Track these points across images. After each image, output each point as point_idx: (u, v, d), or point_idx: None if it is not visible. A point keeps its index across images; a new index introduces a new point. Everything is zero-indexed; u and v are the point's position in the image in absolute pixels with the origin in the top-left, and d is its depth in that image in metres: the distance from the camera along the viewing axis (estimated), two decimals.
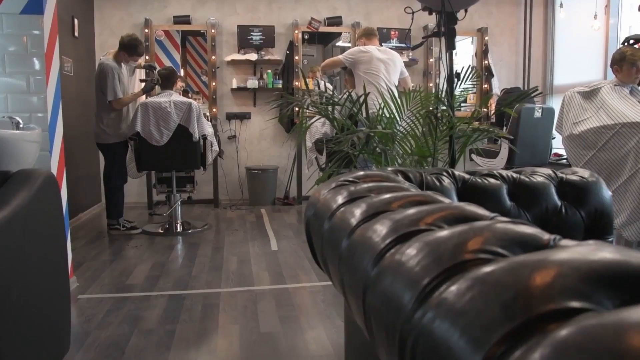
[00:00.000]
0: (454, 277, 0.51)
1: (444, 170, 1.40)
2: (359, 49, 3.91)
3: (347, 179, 1.17)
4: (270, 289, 2.81)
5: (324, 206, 1.05)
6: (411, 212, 0.78)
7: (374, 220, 0.82)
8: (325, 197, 1.08)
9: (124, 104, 4.08)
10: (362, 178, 1.17)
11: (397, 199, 0.92)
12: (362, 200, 0.96)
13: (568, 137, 3.11)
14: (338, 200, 1.01)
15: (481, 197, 1.35)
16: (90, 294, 2.74)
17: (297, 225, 4.56)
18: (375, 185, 1.06)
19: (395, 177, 1.22)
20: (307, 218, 1.16)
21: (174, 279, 3.00)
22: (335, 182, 1.16)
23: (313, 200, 1.15)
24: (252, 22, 5.64)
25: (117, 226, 4.16)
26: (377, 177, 1.18)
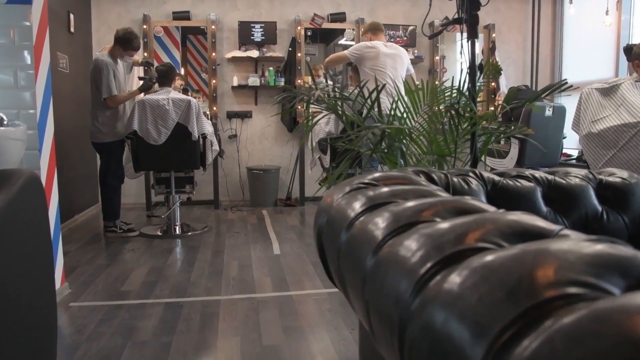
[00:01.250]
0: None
1: (470, 170, 1.24)
2: (365, 45, 3.76)
3: (363, 181, 1.02)
4: (273, 297, 2.65)
5: (339, 214, 0.90)
6: (454, 226, 0.63)
7: (406, 235, 0.67)
8: (340, 203, 0.93)
9: (118, 102, 3.92)
10: (381, 180, 1.01)
11: (429, 207, 0.76)
12: (385, 209, 0.80)
13: (586, 136, 2.95)
14: (356, 207, 0.86)
15: (513, 202, 1.20)
16: (82, 301, 2.59)
17: (299, 228, 4.41)
18: (400, 189, 0.90)
19: (418, 179, 1.06)
20: (319, 226, 1.01)
21: (171, 285, 2.84)
22: (349, 185, 1.01)
23: (325, 205, 1.00)
24: (253, 18, 5.49)
25: (113, 228, 4.01)
26: (398, 179, 1.03)
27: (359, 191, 0.94)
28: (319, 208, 1.07)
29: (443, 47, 6.06)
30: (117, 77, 3.88)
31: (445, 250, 0.56)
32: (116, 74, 3.87)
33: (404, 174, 1.10)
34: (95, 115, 3.92)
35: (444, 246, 0.57)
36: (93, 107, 3.96)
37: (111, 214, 4.02)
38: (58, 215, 2.62)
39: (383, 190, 0.91)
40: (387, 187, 0.94)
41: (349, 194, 0.95)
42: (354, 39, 5.56)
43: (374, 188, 0.95)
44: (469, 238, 0.58)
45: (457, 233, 0.61)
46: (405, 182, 1.01)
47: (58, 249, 2.61)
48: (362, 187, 0.98)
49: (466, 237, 0.58)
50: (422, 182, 1.03)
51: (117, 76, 3.88)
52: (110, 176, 3.99)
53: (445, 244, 0.59)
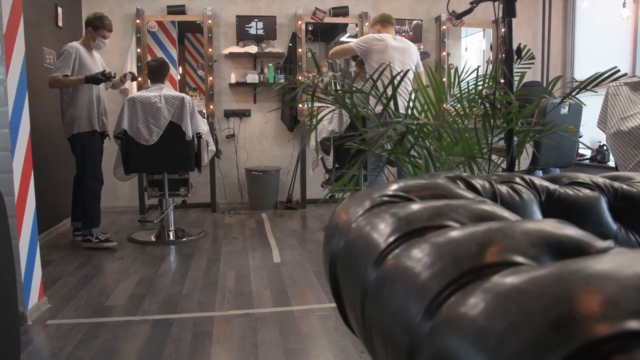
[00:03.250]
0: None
1: (517, 176, 0.99)
2: (372, 37, 3.51)
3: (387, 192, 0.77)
4: (273, 313, 2.40)
5: (362, 240, 0.65)
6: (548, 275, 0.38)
7: (470, 290, 0.42)
8: (361, 224, 0.68)
9: (58, 83, 3.48)
10: (412, 191, 0.76)
11: (498, 239, 0.51)
12: (429, 240, 0.55)
13: (615, 135, 2.70)
14: (386, 233, 0.61)
15: (575, 215, 0.95)
16: (61, 318, 2.34)
17: (301, 233, 4.16)
18: (443, 206, 0.65)
19: (458, 189, 0.81)
20: (332, 251, 0.75)
21: (161, 298, 2.59)
22: (369, 199, 0.76)
23: (340, 225, 0.75)
24: (251, 12, 5.23)
25: (89, 237, 3.59)
26: (433, 190, 0.78)
27: (385, 208, 0.69)
28: (331, 226, 0.82)
29: (450, 42, 5.82)
30: (84, 64, 3.54)
31: None
32: (84, 61, 3.54)
33: (438, 182, 0.84)
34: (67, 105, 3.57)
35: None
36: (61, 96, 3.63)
37: (88, 222, 3.60)
38: (35, 224, 2.38)
39: (419, 208, 0.66)
40: (423, 203, 0.69)
41: (372, 211, 0.70)
42: (356, 35, 5.30)
43: (405, 204, 0.70)
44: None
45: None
46: (443, 194, 0.76)
47: (35, 261, 2.37)
48: (388, 202, 0.73)
49: None
50: (465, 193, 0.78)
51: (83, 63, 3.54)
52: (87, 177, 3.60)
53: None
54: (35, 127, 3.86)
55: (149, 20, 5.08)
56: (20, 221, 2.25)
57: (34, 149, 3.76)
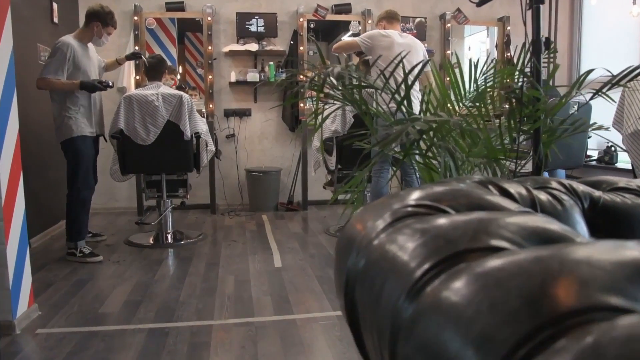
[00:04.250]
0: None
1: (555, 181, 0.88)
2: (378, 32, 3.39)
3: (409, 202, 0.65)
4: (274, 321, 2.29)
5: (388, 263, 0.53)
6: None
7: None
8: (385, 242, 0.56)
9: (48, 86, 3.22)
10: (443, 201, 0.65)
11: (568, 269, 0.40)
12: (482, 271, 0.44)
13: (632, 135, 2.59)
14: (418, 256, 0.49)
15: (624, 226, 0.83)
16: (52, 327, 2.22)
17: (302, 235, 4.04)
18: (491, 220, 0.54)
19: (492, 196, 0.70)
20: (349, 271, 0.64)
21: (157, 305, 2.48)
22: (388, 210, 0.64)
23: (358, 240, 0.63)
24: (252, 9, 5.12)
25: (73, 251, 3.27)
26: (467, 197, 0.66)
27: (412, 222, 0.57)
28: (346, 239, 0.70)
29: (455, 40, 5.70)
30: (77, 62, 3.25)
31: None
32: (77, 59, 3.25)
33: (470, 188, 0.73)
34: (65, 107, 3.27)
35: None
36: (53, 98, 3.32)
37: (75, 234, 3.30)
38: (24, 228, 2.26)
39: (457, 223, 0.54)
40: (459, 216, 0.58)
41: (396, 225, 0.58)
42: (359, 33, 5.18)
43: (436, 216, 0.58)
44: None
45: None
46: (479, 203, 0.64)
47: (24, 266, 2.25)
48: (412, 213, 0.61)
49: None
50: (503, 202, 0.66)
51: (77, 62, 3.26)
52: (78, 185, 3.30)
53: None
54: (29, 125, 3.75)
55: (147, 17, 4.97)
56: (7, 225, 2.13)
57: (26, 148, 3.64)
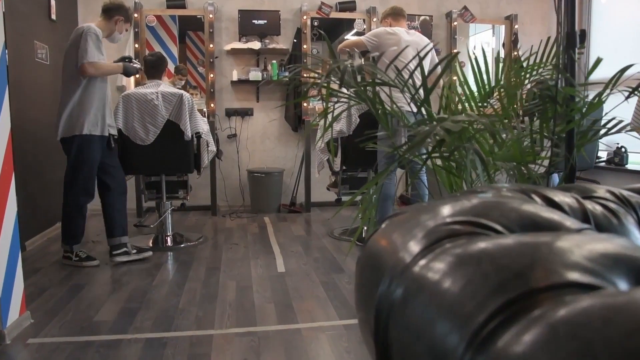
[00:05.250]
0: None
1: (600, 188, 0.77)
2: (384, 30, 3.28)
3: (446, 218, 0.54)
4: (278, 331, 2.18)
5: (438, 298, 0.42)
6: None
7: None
8: (427, 270, 0.45)
9: (98, 71, 2.98)
10: (487, 215, 0.54)
11: None
12: (558, 324, 0.33)
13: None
14: (478, 293, 0.39)
15: None
16: (44, 336, 2.11)
17: (305, 238, 3.94)
18: (556, 244, 0.43)
19: (546, 211, 0.59)
20: (381, 299, 0.52)
21: (155, 313, 2.37)
22: (421, 228, 0.53)
23: (391, 263, 0.52)
24: (254, 6, 5.01)
25: (69, 254, 3.13)
26: (518, 212, 0.56)
27: (461, 244, 0.47)
28: (372, 260, 0.59)
29: (461, 39, 5.59)
30: (102, 53, 3.07)
31: None
32: (102, 50, 3.06)
33: (515, 201, 0.62)
34: (68, 98, 3.03)
35: None
36: (66, 89, 3.06)
37: (70, 238, 3.13)
38: (16, 232, 2.16)
39: (520, 246, 0.43)
40: (520, 238, 0.47)
41: (438, 250, 0.47)
42: (364, 31, 5.07)
43: (489, 238, 0.48)
44: None
45: None
46: (534, 220, 0.53)
47: (16, 273, 2.14)
48: (455, 233, 0.50)
49: None
50: (560, 218, 0.55)
51: (103, 52, 3.07)
52: (76, 188, 3.10)
53: None
54: (25, 125, 3.65)
55: (147, 15, 4.86)
56: None
57: (22, 148, 3.55)
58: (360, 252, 0.68)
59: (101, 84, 3.10)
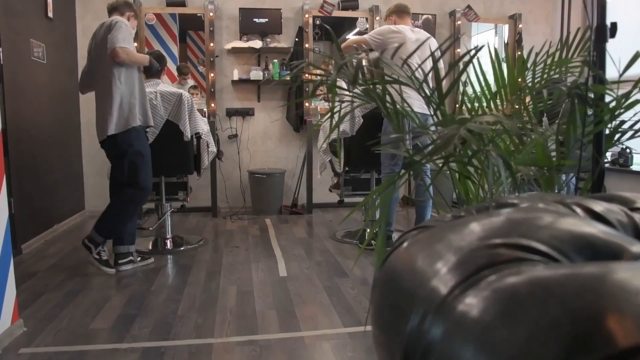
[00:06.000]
0: None
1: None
2: (389, 28, 3.20)
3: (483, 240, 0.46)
4: (280, 339, 2.10)
5: (488, 344, 0.34)
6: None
7: None
8: (474, 311, 0.37)
9: (130, 57, 2.84)
10: (530, 236, 0.46)
11: None
12: None
13: None
14: (548, 343, 0.31)
15: None
16: (37, 346, 2.03)
17: (307, 241, 3.86)
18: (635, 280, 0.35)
19: (603, 231, 0.51)
20: (411, 338, 0.44)
21: (153, 320, 2.29)
22: (456, 251, 0.45)
23: (422, 294, 0.44)
24: (256, 5, 4.93)
25: (92, 247, 2.96)
26: (568, 232, 0.48)
27: (506, 275, 0.39)
28: (394, 281, 0.52)
29: (464, 38, 5.50)
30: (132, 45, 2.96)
31: None
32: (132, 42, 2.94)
33: (561, 216, 0.54)
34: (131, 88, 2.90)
35: None
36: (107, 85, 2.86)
37: (109, 232, 2.99)
38: (8, 237, 2.07)
39: (591, 282, 0.35)
40: (584, 269, 0.39)
41: (481, 283, 0.39)
42: (366, 30, 4.99)
43: (547, 268, 0.40)
44: None
45: None
46: (591, 242, 0.45)
47: (7, 279, 2.06)
48: (498, 260, 0.42)
49: None
50: (620, 239, 0.47)
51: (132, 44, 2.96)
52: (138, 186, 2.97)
53: None
54: (22, 124, 3.57)
55: (147, 13, 4.79)
56: None
57: (18, 148, 3.48)
58: (379, 272, 0.60)
59: (138, 74, 2.98)
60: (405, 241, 0.58)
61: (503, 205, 0.64)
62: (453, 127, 0.76)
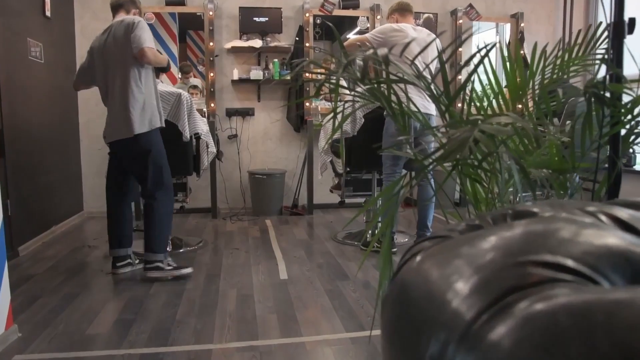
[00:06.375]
0: None
1: None
2: (390, 27, 3.15)
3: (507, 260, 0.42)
4: (281, 345, 2.05)
5: None
6: None
7: None
8: (508, 342, 0.32)
9: (155, 59, 2.79)
10: (554, 251, 0.41)
11: None
12: None
13: None
14: None
15: None
16: (32, 352, 1.99)
17: (308, 242, 3.81)
18: None
19: (628, 239, 0.46)
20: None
21: (151, 325, 2.24)
22: (475, 269, 0.41)
23: (445, 320, 0.39)
24: (256, 3, 4.89)
25: (158, 264, 2.86)
26: (606, 248, 0.43)
27: (540, 300, 0.34)
28: (408, 300, 0.47)
29: (466, 36, 5.45)
30: None
31: None
32: None
33: (592, 227, 0.49)
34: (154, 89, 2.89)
35: None
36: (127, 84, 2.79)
37: (163, 243, 2.91)
38: (2, 241, 2.02)
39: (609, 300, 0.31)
40: (632, 293, 0.34)
41: (512, 308, 0.34)
42: (367, 29, 4.95)
43: (579, 289, 0.35)
44: None
45: None
46: (632, 259, 0.41)
47: (2, 283, 2.01)
48: (528, 282, 0.38)
49: None
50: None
51: None
52: (167, 185, 2.94)
53: None
54: (19, 124, 3.52)
55: (146, 12, 4.73)
56: None
57: (17, 149, 3.43)
58: (391, 286, 0.56)
59: (153, 74, 2.94)
60: (418, 254, 0.53)
61: (521, 214, 0.60)
62: (465, 129, 0.72)
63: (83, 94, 4.67)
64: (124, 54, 2.79)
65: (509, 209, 0.64)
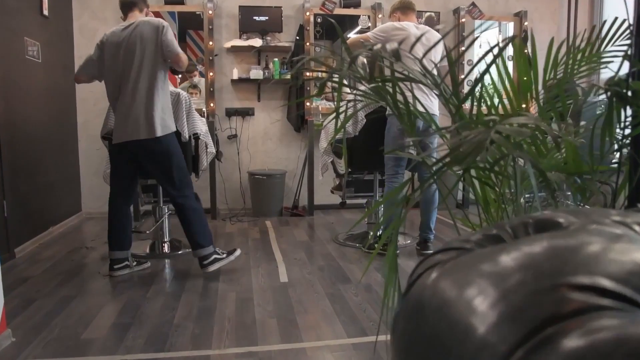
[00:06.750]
0: None
1: None
2: (392, 25, 3.10)
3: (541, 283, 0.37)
4: (281, 351, 2.00)
5: None
6: None
7: None
8: None
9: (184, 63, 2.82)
10: (595, 271, 0.36)
11: None
12: None
13: None
14: None
15: None
16: (25, 358, 1.93)
17: (309, 244, 3.76)
18: None
19: None
20: None
21: (148, 330, 2.19)
22: (503, 292, 0.36)
23: (473, 351, 0.34)
24: (256, 2, 4.83)
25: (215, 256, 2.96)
26: None
27: (590, 333, 0.29)
28: (423, 323, 0.42)
29: (466, 34, 5.40)
30: None
31: None
32: None
33: (625, 242, 0.44)
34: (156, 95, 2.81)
35: None
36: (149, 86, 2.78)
37: (209, 236, 2.98)
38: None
39: None
40: None
41: (555, 343, 0.30)
42: (369, 28, 4.89)
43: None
44: None
45: None
46: None
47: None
48: (571, 312, 0.33)
49: None
50: None
51: None
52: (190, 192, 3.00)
53: None
54: (17, 124, 3.48)
55: None
56: None
57: (14, 149, 3.38)
58: (403, 303, 0.51)
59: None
60: (433, 269, 0.48)
61: (544, 224, 0.54)
62: (480, 130, 0.67)
63: (81, 93, 4.63)
64: (154, 55, 2.77)
65: (529, 217, 0.59)
